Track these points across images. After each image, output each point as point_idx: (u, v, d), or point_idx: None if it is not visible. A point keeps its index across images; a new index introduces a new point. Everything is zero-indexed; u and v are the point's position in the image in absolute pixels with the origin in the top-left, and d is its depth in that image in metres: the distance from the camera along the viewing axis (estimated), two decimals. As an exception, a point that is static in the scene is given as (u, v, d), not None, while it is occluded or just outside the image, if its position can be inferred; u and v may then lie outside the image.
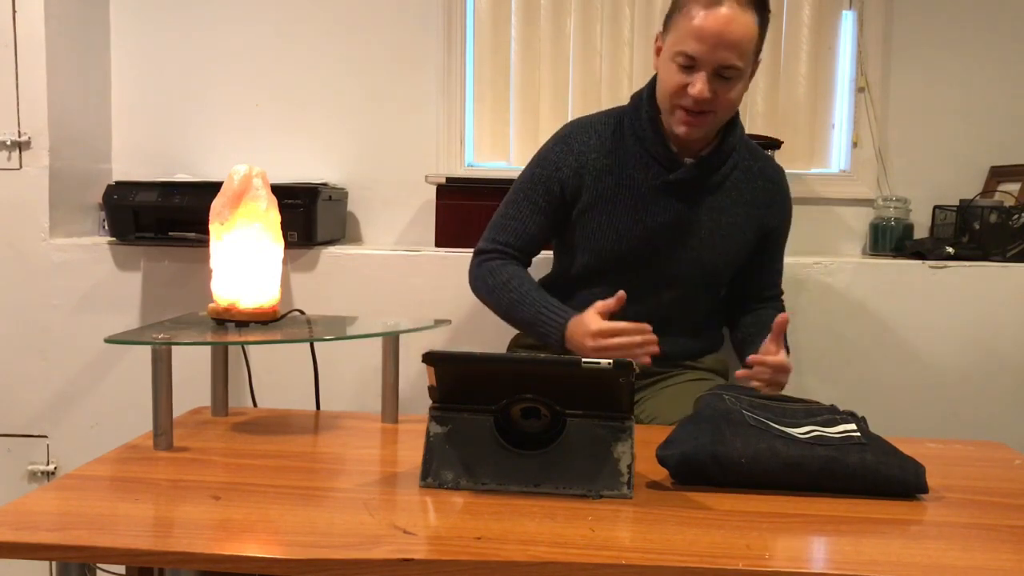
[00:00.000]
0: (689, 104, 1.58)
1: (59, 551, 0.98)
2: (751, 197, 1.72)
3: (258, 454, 1.32)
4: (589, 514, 1.08)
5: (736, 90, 1.58)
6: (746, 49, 1.55)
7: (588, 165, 1.69)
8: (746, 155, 1.74)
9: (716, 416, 1.24)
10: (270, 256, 1.46)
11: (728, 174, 1.70)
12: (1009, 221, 2.09)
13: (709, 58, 1.53)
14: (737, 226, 1.71)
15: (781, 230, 1.80)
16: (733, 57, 1.53)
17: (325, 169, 2.45)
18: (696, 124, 1.60)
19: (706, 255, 1.70)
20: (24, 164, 2.21)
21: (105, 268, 2.21)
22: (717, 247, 1.70)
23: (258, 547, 0.98)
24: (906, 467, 1.17)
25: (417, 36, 2.40)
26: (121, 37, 2.47)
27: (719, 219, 1.70)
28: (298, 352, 1.98)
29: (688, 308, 1.75)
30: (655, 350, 1.53)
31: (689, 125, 1.60)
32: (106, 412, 2.22)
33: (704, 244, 1.70)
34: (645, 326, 1.53)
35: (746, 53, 1.55)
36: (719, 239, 1.70)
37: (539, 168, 1.73)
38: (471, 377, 1.16)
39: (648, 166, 1.67)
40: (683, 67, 1.56)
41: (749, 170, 1.73)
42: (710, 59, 1.54)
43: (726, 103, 1.59)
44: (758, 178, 1.74)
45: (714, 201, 1.69)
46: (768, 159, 1.80)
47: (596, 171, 1.69)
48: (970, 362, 2.07)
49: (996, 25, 2.29)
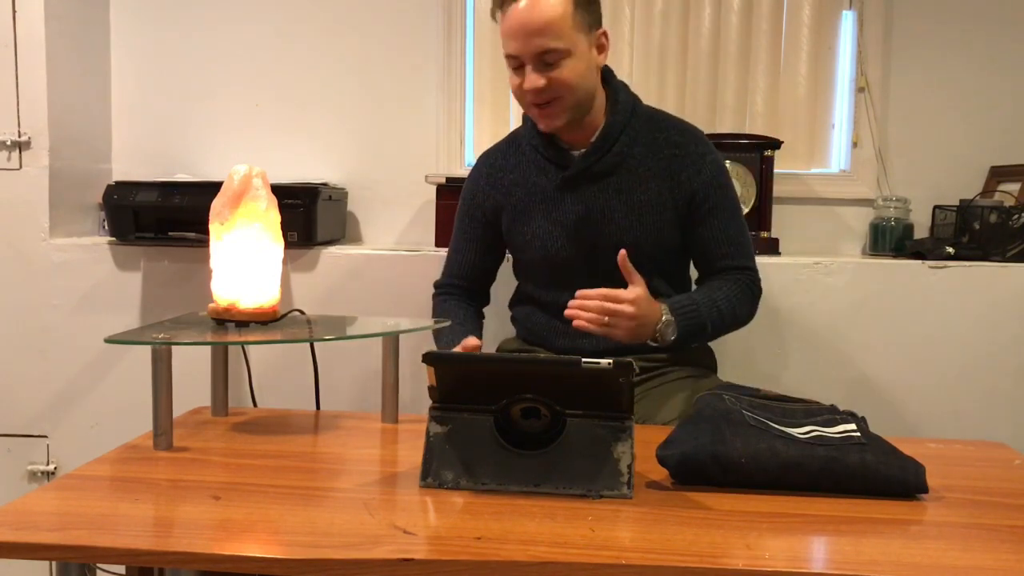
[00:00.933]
0: (532, 99, 1.62)
1: (59, 551, 0.98)
2: (659, 169, 1.69)
3: (258, 454, 1.32)
4: (589, 514, 1.08)
5: (569, 68, 1.59)
6: (559, 28, 1.56)
7: (498, 184, 1.77)
8: (647, 128, 1.70)
9: (716, 416, 1.24)
10: (270, 256, 1.46)
11: (626, 152, 1.68)
12: (1009, 221, 2.09)
13: (526, 51, 1.58)
14: (651, 202, 1.68)
15: (705, 193, 1.69)
16: (547, 41, 1.56)
17: (325, 169, 2.44)
18: (549, 114, 1.63)
19: (628, 238, 1.68)
20: (24, 164, 2.21)
21: (105, 268, 2.21)
22: (636, 227, 1.68)
23: (258, 547, 0.98)
24: (906, 467, 1.17)
25: (417, 36, 2.40)
26: (121, 37, 2.47)
27: (630, 199, 1.68)
28: (298, 352, 1.98)
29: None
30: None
31: (545, 117, 1.64)
32: (106, 412, 2.22)
33: (623, 228, 1.68)
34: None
35: (562, 32, 1.56)
36: (636, 218, 1.68)
37: (463, 202, 1.84)
38: (471, 377, 1.16)
39: (545, 169, 1.72)
40: (515, 68, 1.62)
41: (654, 143, 1.70)
42: (527, 51, 1.57)
43: (564, 84, 1.59)
44: (664, 147, 1.70)
45: (620, 183, 1.69)
46: (676, 126, 1.73)
47: (505, 187, 1.76)
48: (970, 362, 2.07)
49: (996, 25, 2.29)
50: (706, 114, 2.34)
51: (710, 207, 1.70)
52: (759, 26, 2.33)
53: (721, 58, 2.35)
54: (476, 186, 1.81)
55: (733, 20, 2.33)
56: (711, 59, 2.35)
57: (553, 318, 1.74)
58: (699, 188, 1.69)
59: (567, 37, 1.57)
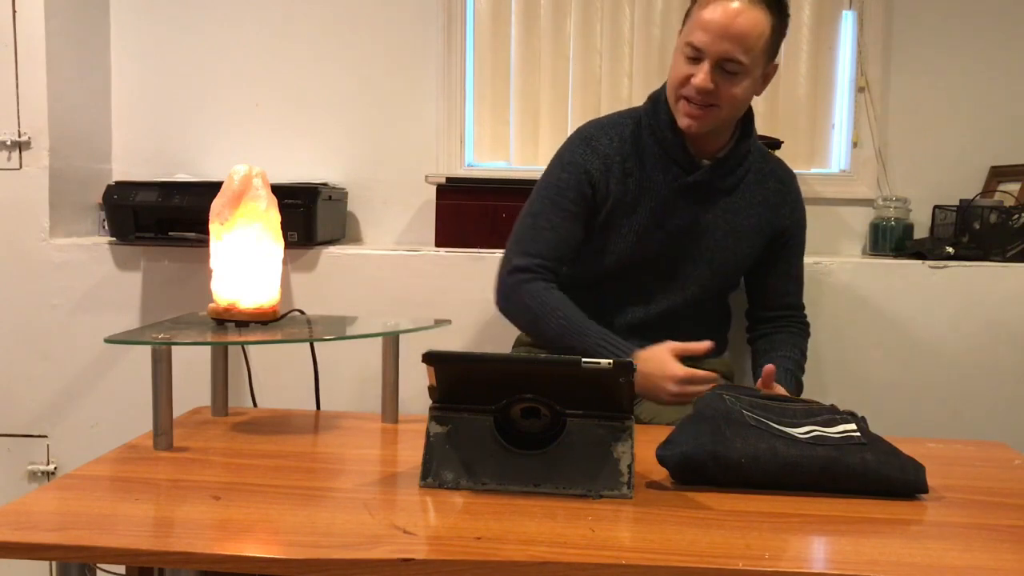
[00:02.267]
0: (691, 94, 1.58)
1: (59, 551, 0.98)
2: (763, 198, 1.73)
3: (258, 454, 1.32)
4: (589, 514, 1.08)
5: (740, 87, 1.57)
6: (753, 45, 1.54)
7: (613, 167, 1.67)
8: (759, 158, 1.75)
9: (716, 416, 1.24)
10: (270, 256, 1.46)
11: (743, 176, 1.71)
12: (1009, 221, 2.09)
13: (713, 49, 1.54)
14: (750, 228, 1.72)
15: (792, 232, 1.78)
16: (737, 51, 1.53)
17: (325, 169, 2.44)
18: (698, 116, 1.59)
19: (719, 257, 1.71)
20: (24, 164, 2.21)
21: (105, 268, 2.21)
22: (730, 249, 1.71)
23: (258, 547, 0.98)
24: (906, 467, 1.17)
25: (417, 36, 2.40)
26: (121, 37, 2.47)
27: (733, 221, 1.70)
28: (298, 352, 1.98)
29: (699, 310, 1.75)
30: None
31: (691, 117, 1.60)
32: (106, 412, 2.22)
33: (718, 246, 1.70)
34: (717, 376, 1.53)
35: (752, 50, 1.55)
36: (732, 241, 1.71)
37: (566, 172, 1.68)
38: (471, 377, 1.16)
39: (667, 168, 1.67)
40: (689, 58, 1.57)
41: (761, 172, 1.74)
42: (714, 50, 1.54)
43: (729, 98, 1.58)
44: (770, 179, 1.74)
45: (729, 203, 1.70)
46: (779, 162, 1.81)
47: (620, 173, 1.67)
48: (970, 362, 2.07)
49: (996, 25, 2.29)
50: (706, 114, 2.34)
51: (793, 245, 1.79)
52: (759, 26, 2.33)
53: (721, 58, 2.35)
54: (589, 160, 1.67)
55: (733, 20, 2.33)
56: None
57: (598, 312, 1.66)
58: (790, 225, 1.77)
59: (754, 56, 1.56)
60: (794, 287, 1.83)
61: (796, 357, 1.75)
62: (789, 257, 1.80)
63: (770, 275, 1.80)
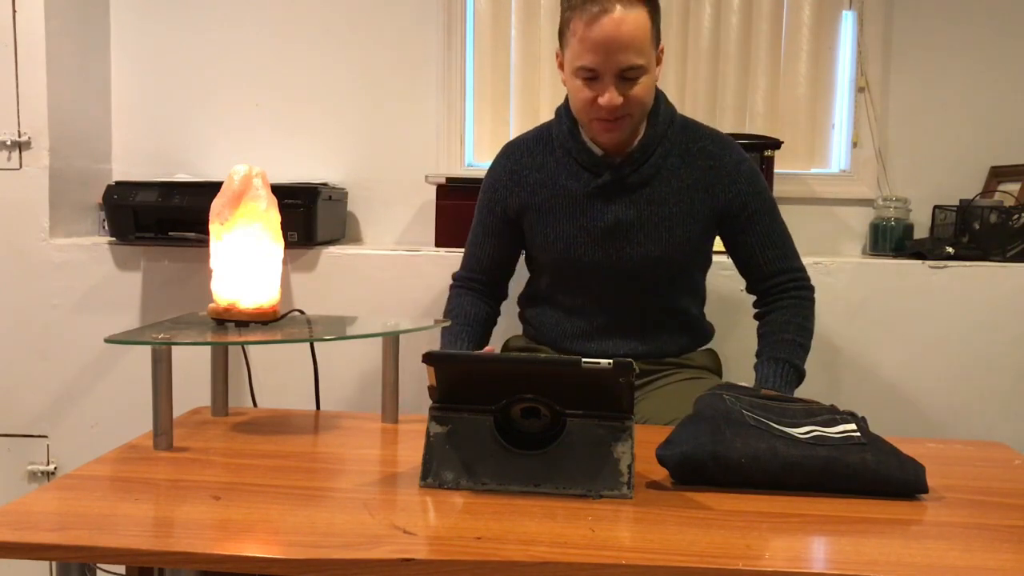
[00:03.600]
0: (603, 114, 1.58)
1: (59, 551, 0.98)
2: (692, 181, 1.68)
3: (258, 454, 1.32)
4: (589, 514, 1.08)
5: (643, 86, 1.58)
6: (642, 45, 1.54)
7: (523, 181, 1.74)
8: (682, 139, 1.70)
9: (716, 416, 1.24)
10: (270, 256, 1.46)
11: (660, 164, 1.68)
12: (1009, 221, 2.09)
13: (609, 66, 1.54)
14: (683, 214, 1.68)
15: (742, 202, 1.69)
16: (632, 57, 1.53)
17: (325, 169, 2.45)
18: (616, 129, 1.61)
19: (656, 249, 1.68)
20: (24, 164, 2.21)
21: (105, 268, 2.21)
22: (665, 239, 1.68)
23: (258, 547, 0.98)
24: (906, 467, 1.17)
25: (417, 36, 2.40)
26: (121, 37, 2.47)
27: (660, 211, 1.68)
28: (298, 352, 1.98)
29: (665, 305, 1.74)
30: None
31: (610, 131, 1.61)
32: (106, 412, 2.22)
33: (650, 238, 1.68)
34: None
35: (644, 48, 1.54)
36: (665, 231, 1.68)
37: (483, 193, 1.79)
38: (471, 377, 1.16)
39: (577, 174, 1.70)
40: (587, 80, 1.57)
41: (687, 153, 1.69)
42: (610, 66, 1.54)
43: (638, 102, 1.58)
44: (698, 158, 1.69)
45: (652, 194, 1.68)
46: (710, 136, 1.72)
47: (531, 185, 1.73)
48: (970, 362, 2.07)
49: (996, 25, 2.29)
50: (706, 114, 2.34)
51: (749, 214, 1.70)
52: (759, 26, 2.33)
53: (721, 58, 2.35)
54: (498, 181, 1.77)
55: (733, 20, 2.33)
56: (711, 59, 2.35)
57: (565, 319, 1.75)
58: (735, 197, 1.69)
59: (647, 53, 1.55)
60: (776, 252, 1.72)
61: (792, 338, 1.68)
62: (755, 227, 1.70)
63: (744, 248, 1.73)
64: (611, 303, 1.72)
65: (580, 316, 1.74)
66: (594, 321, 1.73)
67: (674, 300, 1.75)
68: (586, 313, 1.74)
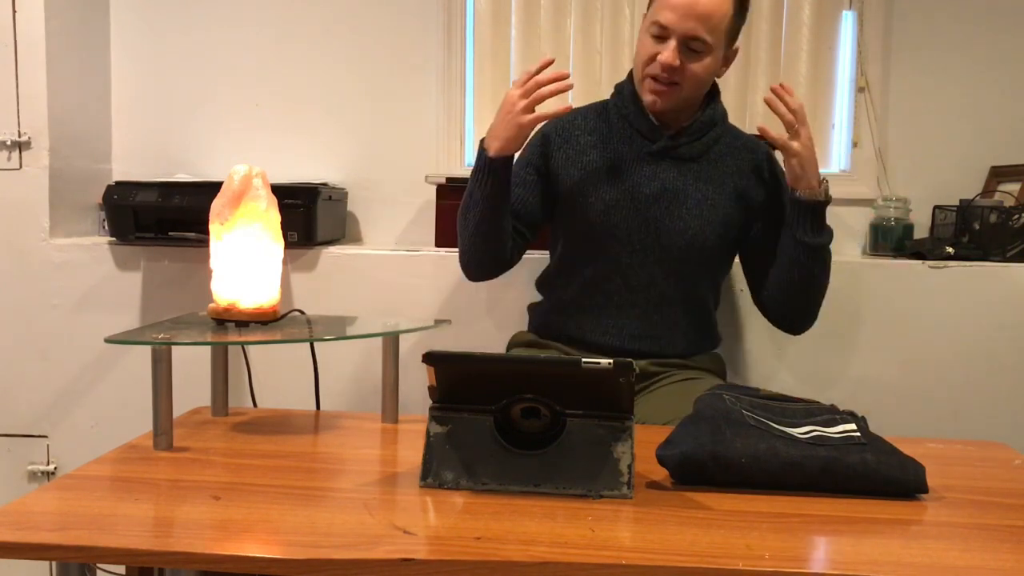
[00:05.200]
0: (657, 72, 1.64)
1: (59, 551, 0.98)
2: (735, 168, 1.75)
3: (258, 454, 1.32)
4: (589, 514, 1.08)
5: (703, 65, 1.64)
6: (716, 24, 1.62)
7: (574, 140, 1.76)
8: (730, 134, 1.79)
9: (716, 416, 1.24)
10: (270, 256, 1.46)
11: (711, 145, 1.74)
12: (1009, 221, 2.09)
13: (678, 27, 1.61)
14: (723, 196, 1.73)
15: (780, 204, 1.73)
16: (702, 29, 1.61)
17: (325, 169, 2.44)
18: (663, 93, 1.67)
19: (695, 225, 1.71)
20: (24, 164, 2.21)
21: (105, 268, 2.21)
22: (705, 216, 1.71)
23: (258, 547, 0.98)
24: (906, 467, 1.17)
25: (417, 36, 2.40)
26: (121, 37, 2.47)
27: (705, 189, 1.72)
28: (298, 352, 1.98)
29: (686, 289, 1.74)
30: (569, 83, 1.60)
31: (656, 93, 1.67)
32: (106, 412, 2.22)
33: (691, 214, 1.71)
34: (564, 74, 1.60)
35: (716, 29, 1.62)
36: (707, 208, 1.72)
37: (528, 145, 1.78)
38: (471, 377, 1.16)
39: (631, 139, 1.74)
40: (655, 37, 1.64)
41: (733, 145, 1.77)
42: (679, 28, 1.61)
43: (692, 76, 1.65)
44: (742, 151, 1.77)
45: (700, 170, 1.73)
46: (752, 138, 1.81)
47: (581, 145, 1.76)
48: (970, 362, 2.07)
49: (996, 25, 2.29)
50: (706, 114, 2.34)
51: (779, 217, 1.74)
52: (759, 26, 2.33)
53: (721, 58, 2.35)
54: (551, 133, 1.78)
55: (733, 20, 2.33)
56: (711, 59, 2.34)
57: (582, 293, 1.75)
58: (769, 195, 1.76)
59: (717, 36, 1.63)
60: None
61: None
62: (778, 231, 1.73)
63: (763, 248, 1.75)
64: (635, 278, 1.72)
65: (599, 291, 1.74)
66: (613, 297, 1.73)
67: (695, 288, 1.76)
68: (606, 288, 1.73)
